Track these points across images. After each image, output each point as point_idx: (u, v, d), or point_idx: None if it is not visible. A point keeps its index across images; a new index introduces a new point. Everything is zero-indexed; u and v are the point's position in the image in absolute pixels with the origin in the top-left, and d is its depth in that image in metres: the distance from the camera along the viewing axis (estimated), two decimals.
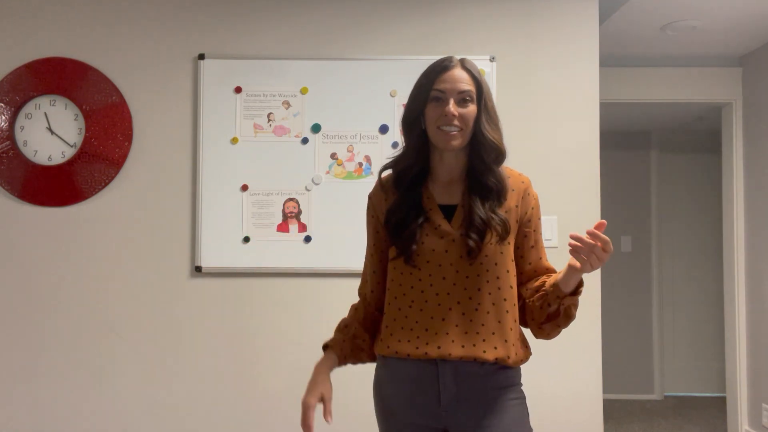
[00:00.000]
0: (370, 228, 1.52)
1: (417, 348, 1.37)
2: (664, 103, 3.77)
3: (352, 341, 1.48)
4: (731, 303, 3.65)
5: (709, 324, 4.85)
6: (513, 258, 1.42)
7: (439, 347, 1.35)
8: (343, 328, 1.51)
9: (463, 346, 1.34)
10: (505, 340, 1.36)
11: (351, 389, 2.58)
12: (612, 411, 4.38)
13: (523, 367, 1.54)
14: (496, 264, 1.37)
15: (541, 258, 1.47)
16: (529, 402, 1.52)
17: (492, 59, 2.65)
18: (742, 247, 3.61)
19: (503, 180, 1.41)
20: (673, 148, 4.99)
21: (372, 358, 1.51)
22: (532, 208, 1.45)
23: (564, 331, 1.46)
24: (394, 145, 2.59)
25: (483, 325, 1.36)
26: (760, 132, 3.48)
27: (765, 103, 3.44)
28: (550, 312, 1.38)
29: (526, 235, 1.44)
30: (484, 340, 1.35)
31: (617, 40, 3.27)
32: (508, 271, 1.39)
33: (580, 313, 1.72)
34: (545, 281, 1.39)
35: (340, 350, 1.46)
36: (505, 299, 1.38)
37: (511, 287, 1.39)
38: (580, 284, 1.34)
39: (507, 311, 1.38)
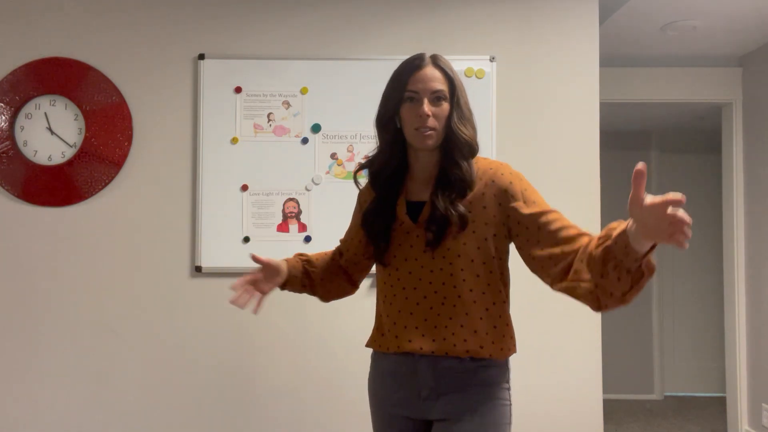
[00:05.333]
0: (357, 217, 1.60)
1: (391, 341, 1.43)
2: (664, 103, 3.78)
3: (304, 267, 1.61)
4: (731, 303, 3.65)
5: (709, 324, 4.85)
6: (480, 247, 1.36)
7: (410, 341, 1.39)
8: (303, 256, 1.65)
9: (433, 340, 1.37)
10: (475, 331, 1.36)
11: (349, 389, 2.58)
12: (612, 411, 4.38)
13: (523, 367, 1.53)
14: (459, 256, 1.36)
15: (549, 223, 1.30)
16: (530, 402, 1.52)
17: (492, 59, 2.65)
18: (742, 247, 3.61)
19: (468, 172, 1.38)
20: (673, 148, 4.99)
21: (314, 295, 1.64)
22: (510, 183, 1.36)
23: (564, 330, 1.47)
24: None
25: (451, 318, 1.37)
26: (760, 132, 3.48)
27: (765, 103, 3.44)
28: (631, 277, 1.12)
29: (516, 209, 1.34)
30: (453, 334, 1.36)
31: (617, 40, 3.27)
32: (472, 261, 1.36)
33: (580, 312, 1.72)
34: (607, 247, 1.13)
35: (292, 267, 1.59)
36: (470, 290, 1.37)
37: (478, 276, 1.37)
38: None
39: (474, 301, 1.37)
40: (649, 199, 0.99)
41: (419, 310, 1.39)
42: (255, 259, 1.52)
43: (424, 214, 1.40)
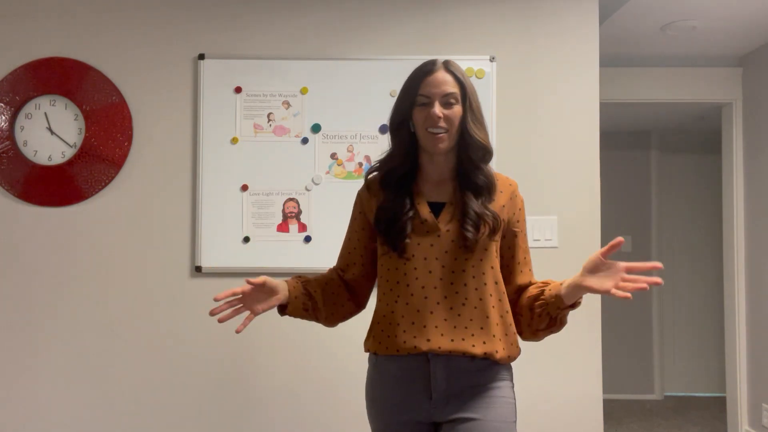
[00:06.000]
0: (356, 224, 1.56)
1: (405, 342, 1.39)
2: (664, 103, 3.78)
3: (307, 290, 1.49)
4: (731, 303, 3.65)
5: (709, 324, 4.85)
6: (497, 255, 1.46)
7: (428, 340, 1.38)
8: (304, 280, 1.53)
9: (452, 340, 1.38)
10: (493, 335, 1.40)
11: (349, 389, 2.58)
12: (612, 411, 4.38)
13: (523, 367, 1.54)
14: (481, 260, 1.41)
15: (526, 258, 1.52)
16: (530, 402, 1.53)
17: (492, 59, 2.65)
18: (742, 247, 3.61)
19: (491, 177, 1.46)
20: (673, 148, 4.99)
21: (317, 320, 1.52)
22: (519, 209, 1.51)
23: (564, 330, 1.49)
24: None
25: (471, 320, 1.39)
26: (760, 132, 3.48)
27: (765, 103, 3.44)
28: (549, 320, 1.42)
29: (515, 235, 1.49)
30: (472, 335, 1.38)
31: (617, 40, 3.27)
32: (492, 267, 1.43)
33: (580, 313, 1.73)
34: (543, 290, 1.43)
35: (293, 288, 1.47)
36: (490, 294, 1.42)
37: (497, 283, 1.43)
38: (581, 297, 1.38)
39: (493, 306, 1.41)
40: (623, 264, 1.30)
41: (439, 309, 1.39)
42: (250, 283, 1.39)
43: (446, 216, 1.43)
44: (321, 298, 1.50)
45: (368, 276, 1.56)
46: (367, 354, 1.52)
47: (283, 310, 1.49)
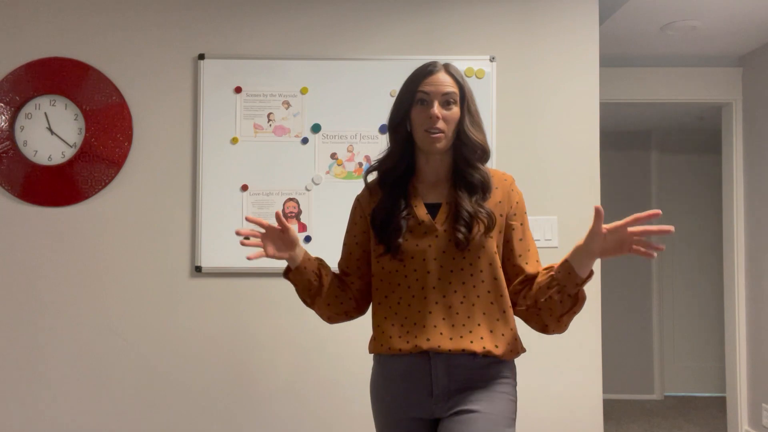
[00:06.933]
0: (357, 228, 1.56)
1: (408, 342, 1.41)
2: (664, 103, 3.78)
3: (319, 272, 1.50)
4: (731, 303, 3.65)
5: (709, 324, 4.85)
6: (496, 251, 1.45)
7: (428, 339, 1.40)
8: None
9: (451, 339, 1.39)
10: (491, 331, 1.41)
11: (350, 388, 2.59)
12: (612, 411, 4.39)
13: (524, 366, 1.54)
14: (479, 257, 1.42)
15: (529, 251, 1.49)
16: (530, 402, 1.52)
17: (492, 59, 2.65)
18: (742, 247, 3.61)
19: (487, 176, 1.47)
20: (673, 148, 4.99)
21: (313, 303, 1.52)
22: (517, 203, 1.49)
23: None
24: None
25: (469, 317, 1.41)
26: (760, 132, 3.49)
27: (765, 103, 3.44)
28: (570, 300, 1.37)
29: (513, 228, 1.48)
30: (470, 332, 1.40)
31: (617, 40, 3.27)
32: (491, 264, 1.43)
33: (580, 312, 1.73)
34: (552, 275, 1.38)
35: (307, 260, 1.49)
36: (489, 291, 1.42)
37: (496, 279, 1.43)
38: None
39: (491, 303, 1.42)
40: (610, 225, 1.28)
41: (438, 308, 1.41)
42: (279, 217, 1.41)
43: (442, 216, 1.43)
44: (327, 284, 1.50)
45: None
46: (371, 354, 1.53)
47: (287, 273, 1.50)
